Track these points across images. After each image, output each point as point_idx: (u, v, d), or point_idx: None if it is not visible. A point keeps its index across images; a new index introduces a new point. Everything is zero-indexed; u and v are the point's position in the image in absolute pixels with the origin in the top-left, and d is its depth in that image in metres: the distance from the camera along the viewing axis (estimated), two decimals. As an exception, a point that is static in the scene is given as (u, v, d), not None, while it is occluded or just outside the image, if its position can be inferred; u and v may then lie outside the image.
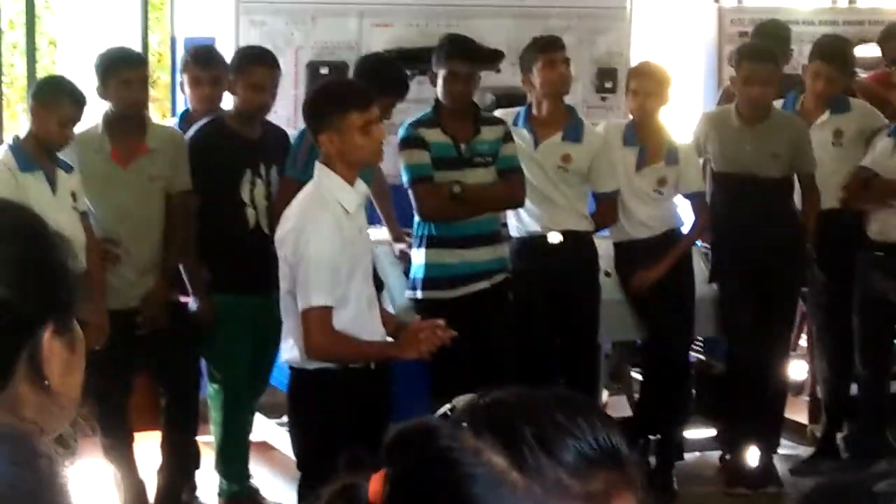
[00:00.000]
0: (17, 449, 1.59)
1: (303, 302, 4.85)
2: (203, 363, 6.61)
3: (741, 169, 7.00)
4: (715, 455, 7.40)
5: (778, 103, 7.26)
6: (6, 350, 1.69)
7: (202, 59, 6.84)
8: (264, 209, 6.43)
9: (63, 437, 1.80)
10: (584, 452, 1.41)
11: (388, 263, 6.80)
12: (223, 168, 6.45)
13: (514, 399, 1.47)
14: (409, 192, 6.47)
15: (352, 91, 5.22)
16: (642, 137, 6.92)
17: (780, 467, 7.20)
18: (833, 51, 7.30)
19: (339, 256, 4.85)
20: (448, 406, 1.49)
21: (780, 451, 7.32)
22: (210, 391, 6.61)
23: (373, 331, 5.04)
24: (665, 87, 6.90)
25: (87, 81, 6.15)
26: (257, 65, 6.43)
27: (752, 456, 7.14)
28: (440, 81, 6.47)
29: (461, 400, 1.49)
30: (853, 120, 7.28)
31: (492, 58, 6.85)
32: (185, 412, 6.46)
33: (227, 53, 6.87)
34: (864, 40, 8.46)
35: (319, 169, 5.02)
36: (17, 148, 5.91)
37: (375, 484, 1.44)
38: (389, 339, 5.15)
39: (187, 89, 6.88)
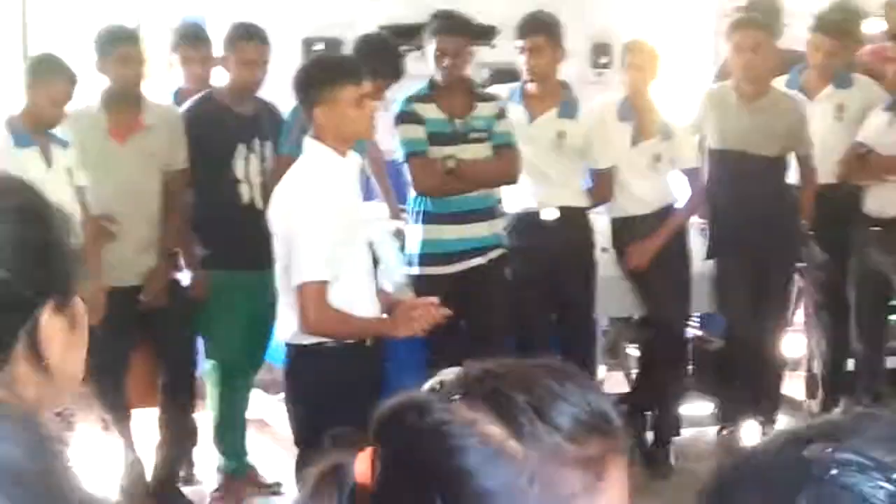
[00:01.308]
0: (23, 430, 1.58)
1: (297, 277, 4.84)
2: (200, 340, 6.61)
3: (737, 146, 6.99)
4: (712, 430, 7.41)
5: (782, 80, 7.26)
6: (4, 329, 1.69)
7: (191, 38, 6.89)
8: (258, 185, 6.43)
9: (63, 414, 1.80)
10: (579, 417, 1.41)
11: (384, 239, 6.80)
12: (216, 144, 6.45)
13: (503, 369, 1.46)
14: (405, 166, 6.46)
15: (345, 65, 5.23)
16: (636, 113, 6.91)
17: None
18: (832, 23, 7.30)
19: (333, 230, 4.84)
20: (436, 380, 1.48)
21: (777, 426, 7.33)
22: (207, 368, 6.62)
23: (368, 306, 5.04)
24: (656, 63, 6.89)
25: (80, 59, 6.15)
26: (248, 41, 6.42)
27: (749, 431, 7.15)
28: (430, 57, 6.46)
29: (448, 373, 1.48)
30: (856, 96, 7.28)
31: (481, 33, 6.83)
32: (183, 389, 6.46)
33: (222, 29, 6.86)
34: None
35: (310, 143, 5.01)
36: (12, 124, 5.92)
37: (361, 463, 1.44)
38: (384, 315, 5.15)
39: (178, 69, 6.92)
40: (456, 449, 1.38)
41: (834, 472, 1.23)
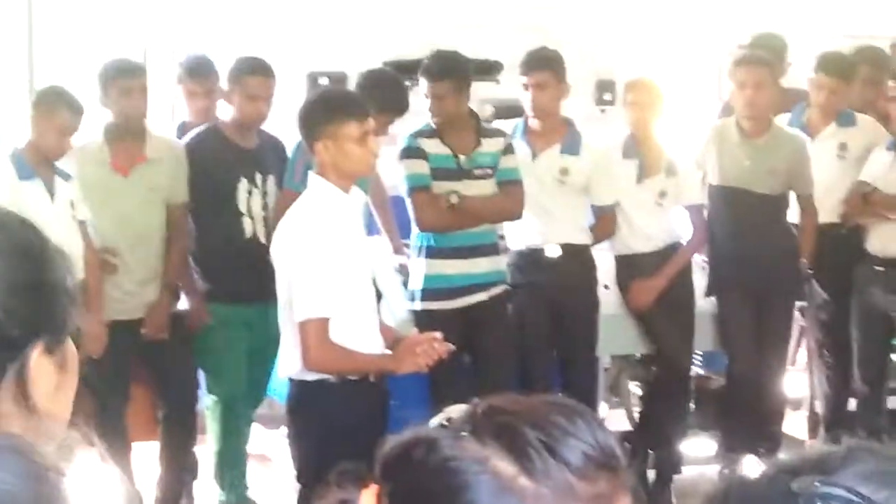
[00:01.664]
0: (18, 459, 1.57)
1: (299, 313, 4.84)
2: (201, 374, 6.60)
3: (738, 183, 6.98)
4: (714, 469, 7.38)
5: (784, 118, 7.26)
6: None
7: (195, 71, 6.88)
8: (261, 219, 6.43)
9: (62, 448, 1.78)
10: (589, 454, 1.40)
11: (387, 274, 6.79)
12: (218, 177, 6.44)
13: (511, 405, 1.45)
14: (408, 201, 6.46)
15: (350, 101, 5.21)
16: (641, 150, 6.91)
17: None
18: (835, 63, 7.31)
19: (336, 266, 4.84)
20: (442, 416, 1.47)
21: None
22: (207, 402, 6.60)
23: (372, 342, 5.03)
24: (658, 101, 6.90)
25: (86, 92, 6.17)
26: (252, 75, 6.42)
27: (750, 470, 7.11)
28: (424, 97, 6.46)
29: (455, 410, 1.47)
30: (859, 134, 7.28)
31: (483, 70, 6.79)
32: (183, 422, 6.46)
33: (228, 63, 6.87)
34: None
35: (313, 179, 5.01)
36: (16, 156, 5.93)
37: (367, 500, 1.42)
38: (388, 351, 5.14)
39: (183, 102, 6.92)
40: (466, 486, 1.37)
41: None
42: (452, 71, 6.45)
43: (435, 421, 1.46)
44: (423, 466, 1.40)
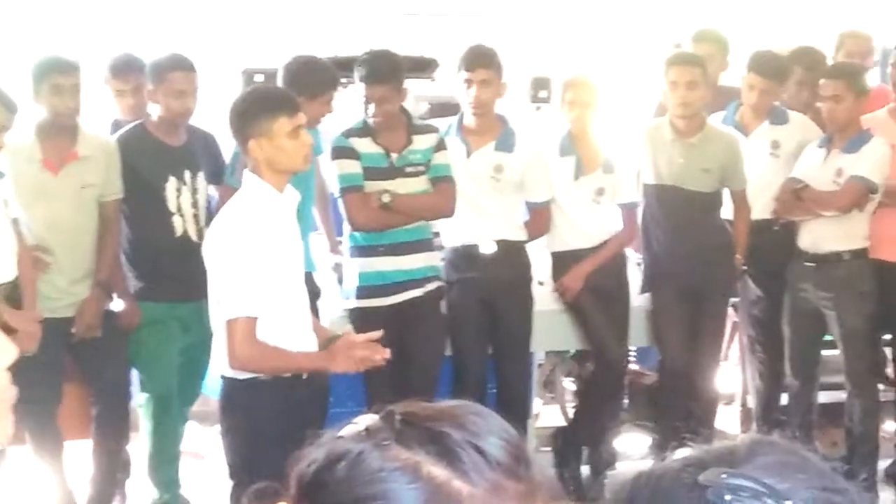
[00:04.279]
0: None
1: (227, 312, 4.81)
2: (134, 372, 6.56)
3: (672, 181, 7.02)
4: (647, 465, 7.41)
5: (719, 115, 7.31)
6: None
7: (120, 70, 6.80)
8: (191, 217, 6.39)
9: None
10: (510, 451, 1.40)
11: (324, 272, 6.79)
12: (146, 176, 6.39)
13: (425, 410, 1.43)
14: (340, 202, 6.44)
15: (280, 96, 5.16)
16: (578, 147, 6.93)
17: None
18: (766, 62, 7.36)
19: (267, 265, 4.81)
20: (356, 427, 1.42)
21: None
22: (141, 400, 6.57)
23: (304, 340, 5.01)
24: (596, 98, 6.93)
25: (19, 89, 6.11)
26: (175, 70, 6.35)
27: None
28: (359, 100, 6.43)
29: (366, 419, 1.43)
30: (792, 133, 7.33)
31: (419, 67, 6.76)
32: (116, 420, 6.41)
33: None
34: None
35: (247, 177, 4.98)
36: (-52, 155, 5.87)
37: None
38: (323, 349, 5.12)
39: (112, 101, 6.85)
40: (399, 496, 1.35)
41: (728, 497, 1.25)
42: (390, 74, 6.40)
43: (347, 432, 1.42)
44: (350, 481, 1.36)
